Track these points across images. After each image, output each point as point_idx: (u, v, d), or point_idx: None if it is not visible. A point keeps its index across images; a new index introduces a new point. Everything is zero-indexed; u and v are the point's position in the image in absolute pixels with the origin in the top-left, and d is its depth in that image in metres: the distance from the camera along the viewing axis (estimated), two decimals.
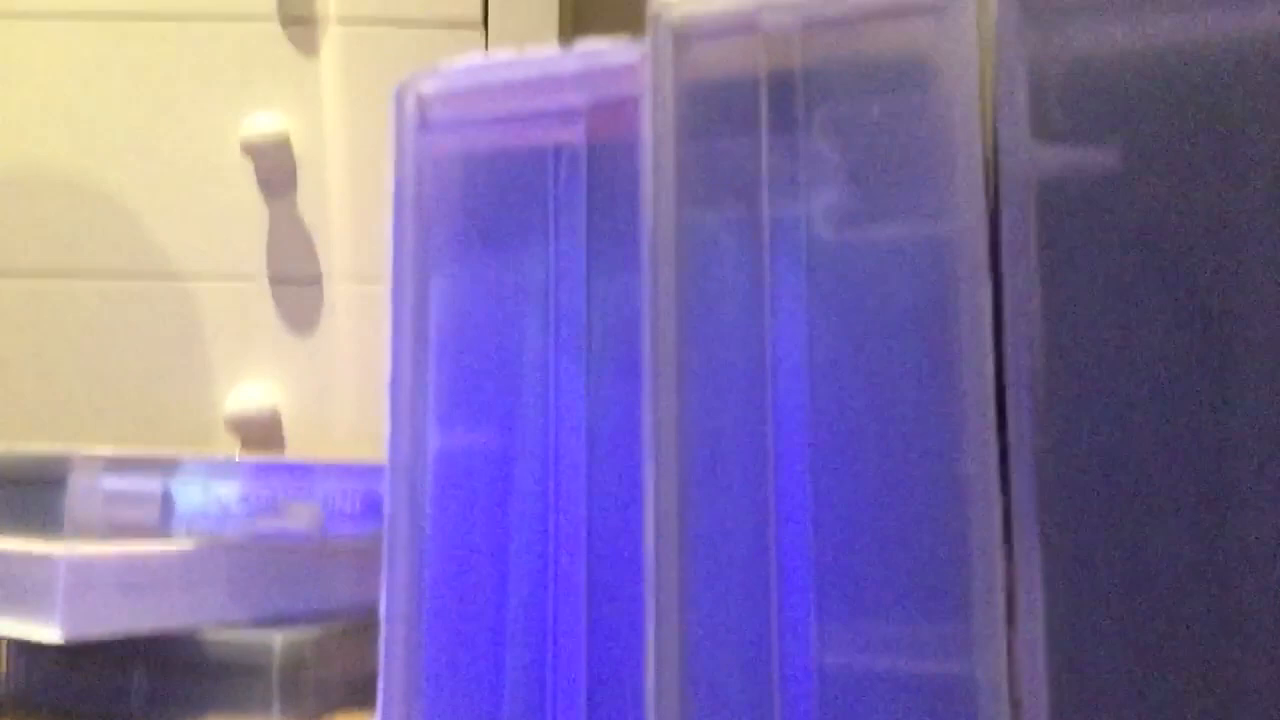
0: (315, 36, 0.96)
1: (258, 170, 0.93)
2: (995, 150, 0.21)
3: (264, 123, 0.91)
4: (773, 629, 0.21)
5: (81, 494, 0.33)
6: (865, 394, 0.21)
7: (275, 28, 0.96)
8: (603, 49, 0.24)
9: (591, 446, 0.24)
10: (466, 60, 0.25)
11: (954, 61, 0.21)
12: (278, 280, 0.93)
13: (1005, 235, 0.20)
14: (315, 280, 0.93)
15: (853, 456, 0.21)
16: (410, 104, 0.25)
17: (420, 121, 0.25)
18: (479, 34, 0.95)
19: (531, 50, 0.25)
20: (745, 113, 0.22)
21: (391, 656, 0.25)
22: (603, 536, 0.24)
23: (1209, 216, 0.20)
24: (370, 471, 0.40)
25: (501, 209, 0.25)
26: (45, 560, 0.31)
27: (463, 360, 0.26)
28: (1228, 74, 0.20)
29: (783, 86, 0.22)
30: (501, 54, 0.25)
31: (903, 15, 0.21)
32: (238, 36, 0.96)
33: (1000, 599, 0.20)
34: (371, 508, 0.38)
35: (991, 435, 0.20)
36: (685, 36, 0.22)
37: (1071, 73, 0.20)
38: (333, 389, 0.89)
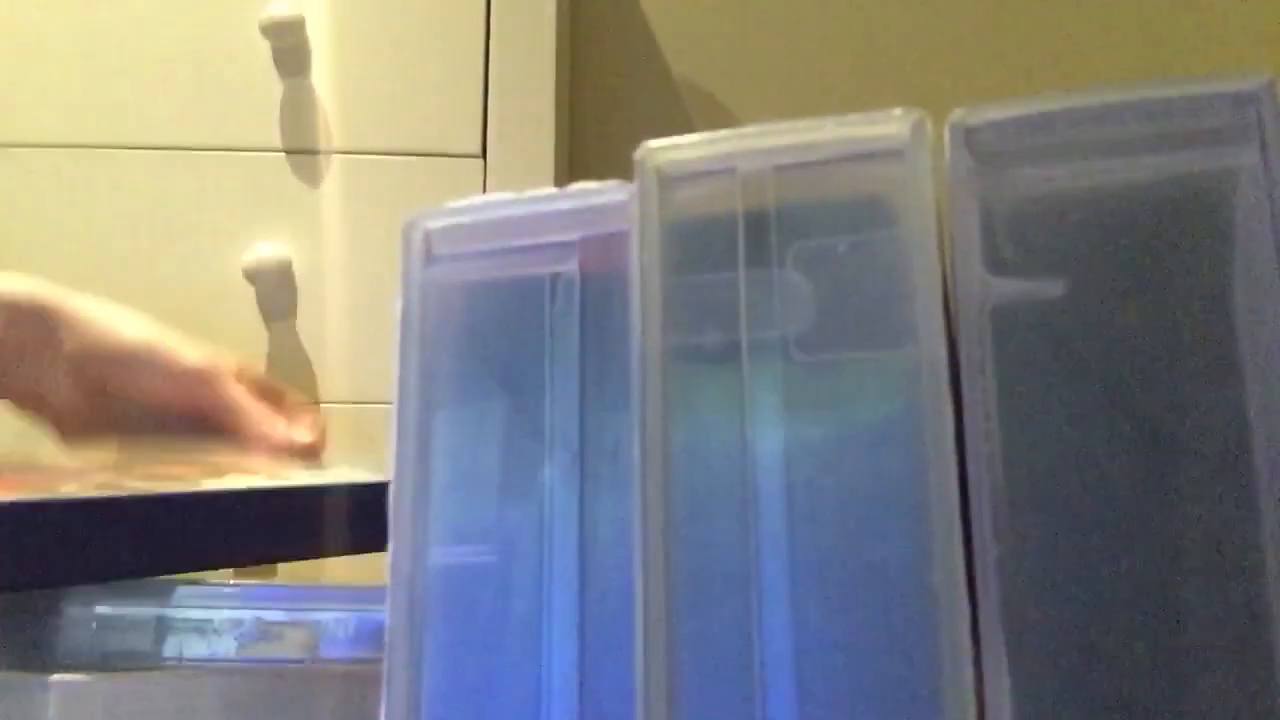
0: (315, 169, 1.00)
1: (259, 295, 0.95)
2: (953, 280, 0.22)
3: (266, 250, 0.94)
4: None
5: (74, 621, 0.33)
6: (839, 507, 0.23)
7: (280, 158, 0.99)
8: (594, 189, 0.26)
9: (584, 564, 0.25)
10: (469, 199, 0.27)
11: (914, 201, 0.23)
12: None
13: (963, 358, 0.22)
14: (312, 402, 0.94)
15: (829, 568, 0.22)
16: (417, 238, 0.27)
17: (426, 254, 0.27)
18: (478, 164, 0.99)
19: (530, 190, 0.27)
20: (724, 248, 0.24)
21: None
22: (596, 652, 0.25)
23: (1148, 338, 0.21)
24: (366, 595, 0.40)
25: (501, 333, 0.27)
26: (37, 687, 0.31)
27: (462, 479, 0.27)
28: (1160, 210, 0.22)
29: (759, 224, 0.24)
30: (502, 194, 0.27)
31: (867, 160, 0.23)
32: (243, 168, 0.99)
33: (971, 703, 0.21)
34: (367, 632, 0.38)
35: (958, 545, 0.22)
36: (669, 179, 0.24)
37: (1018, 211, 0.22)
38: None
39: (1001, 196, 0.22)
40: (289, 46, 0.99)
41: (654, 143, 0.25)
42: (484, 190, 0.96)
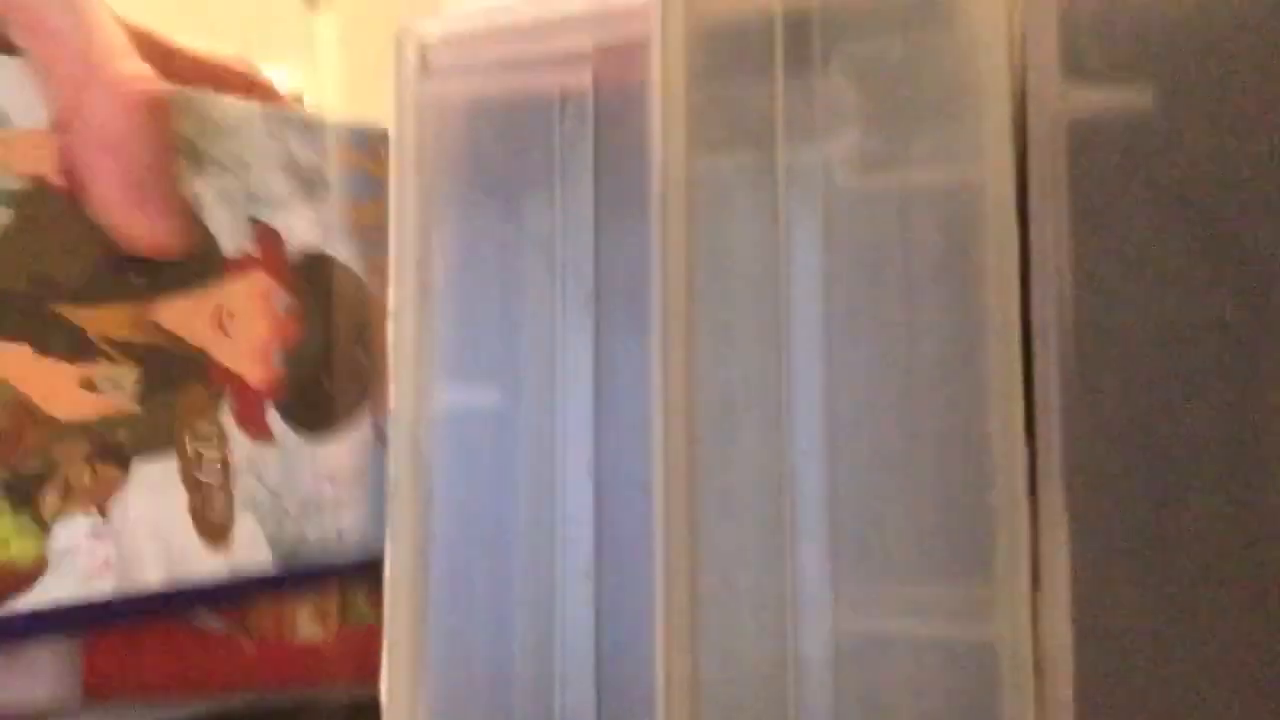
0: None
1: None
2: (1023, 91, 0.20)
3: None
4: (788, 592, 0.21)
5: None
6: (884, 348, 0.20)
7: None
8: None
9: (598, 402, 0.24)
10: (469, 2, 0.24)
11: None
12: None
13: (1034, 180, 0.19)
14: None
15: (870, 412, 0.20)
16: (411, 49, 0.24)
17: (422, 67, 0.24)
18: None
19: None
20: (759, 54, 0.21)
21: (396, 620, 0.24)
22: (610, 497, 0.23)
23: (1245, 161, 0.19)
24: None
25: (506, 157, 0.25)
26: None
27: (467, 315, 0.25)
28: (1266, 12, 0.19)
29: (799, 26, 0.21)
30: None
31: None
32: None
33: (1024, 561, 0.19)
34: None
35: (1017, 391, 0.19)
36: None
37: (1105, 8, 0.19)
38: None
39: None
40: None
41: None
42: None
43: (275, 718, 0.29)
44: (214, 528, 0.27)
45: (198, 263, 0.28)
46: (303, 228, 0.30)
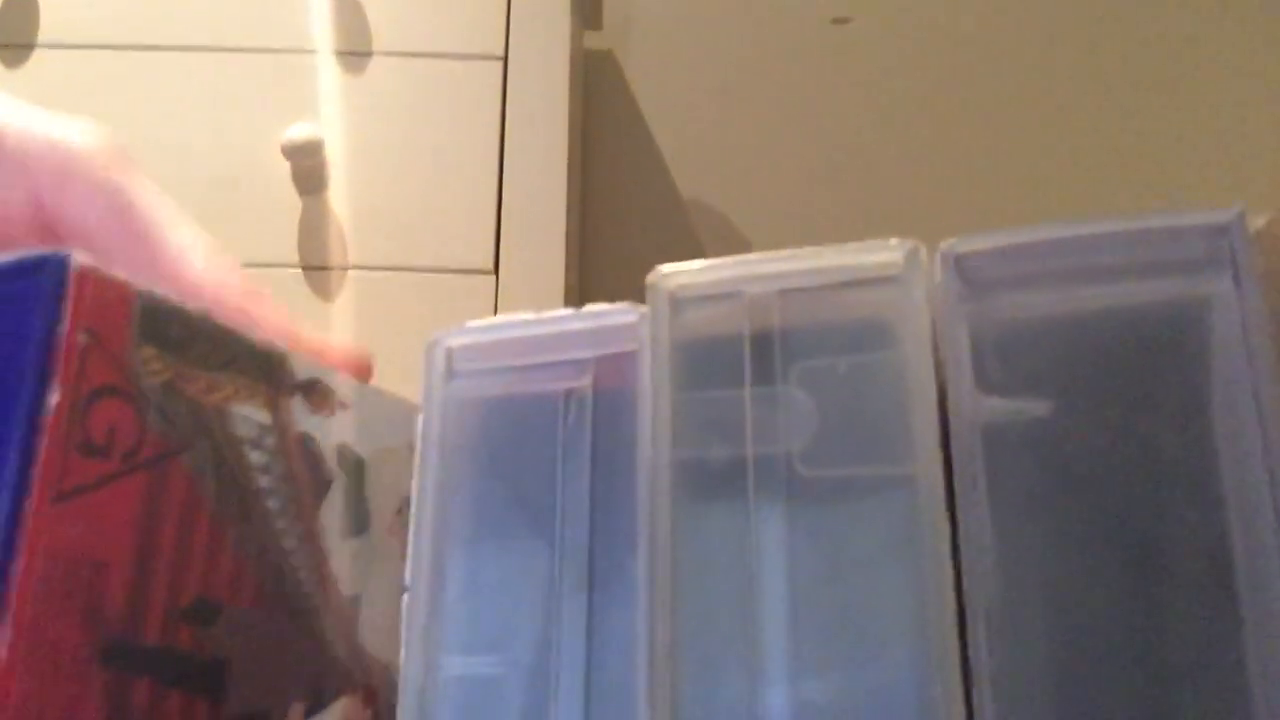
0: (330, 284, 1.02)
1: None
2: (946, 399, 0.24)
3: None
4: None
5: None
6: (842, 620, 0.23)
7: (297, 274, 1.02)
8: (607, 310, 0.28)
9: (590, 677, 0.26)
10: (490, 319, 0.29)
11: (909, 324, 0.24)
12: None
13: (956, 474, 0.23)
14: None
15: (831, 683, 0.23)
16: (439, 355, 0.28)
17: (447, 370, 0.28)
18: (491, 281, 1.01)
19: (544, 308, 0.29)
20: (731, 367, 0.25)
21: None
22: None
23: (1131, 458, 0.23)
24: None
25: (516, 446, 0.28)
26: None
27: (475, 589, 0.28)
28: (1139, 334, 0.24)
29: (764, 345, 0.25)
30: (521, 314, 0.29)
31: (865, 285, 0.25)
32: (260, 283, 1.02)
33: None
34: None
35: (955, 659, 0.22)
36: (679, 301, 0.26)
37: (1005, 334, 0.24)
38: None
39: (989, 320, 0.24)
40: (307, 167, 1.03)
41: (665, 268, 0.26)
42: (495, 305, 0.99)
43: None
44: None
45: None
46: None
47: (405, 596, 0.28)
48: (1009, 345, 0.24)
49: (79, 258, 0.25)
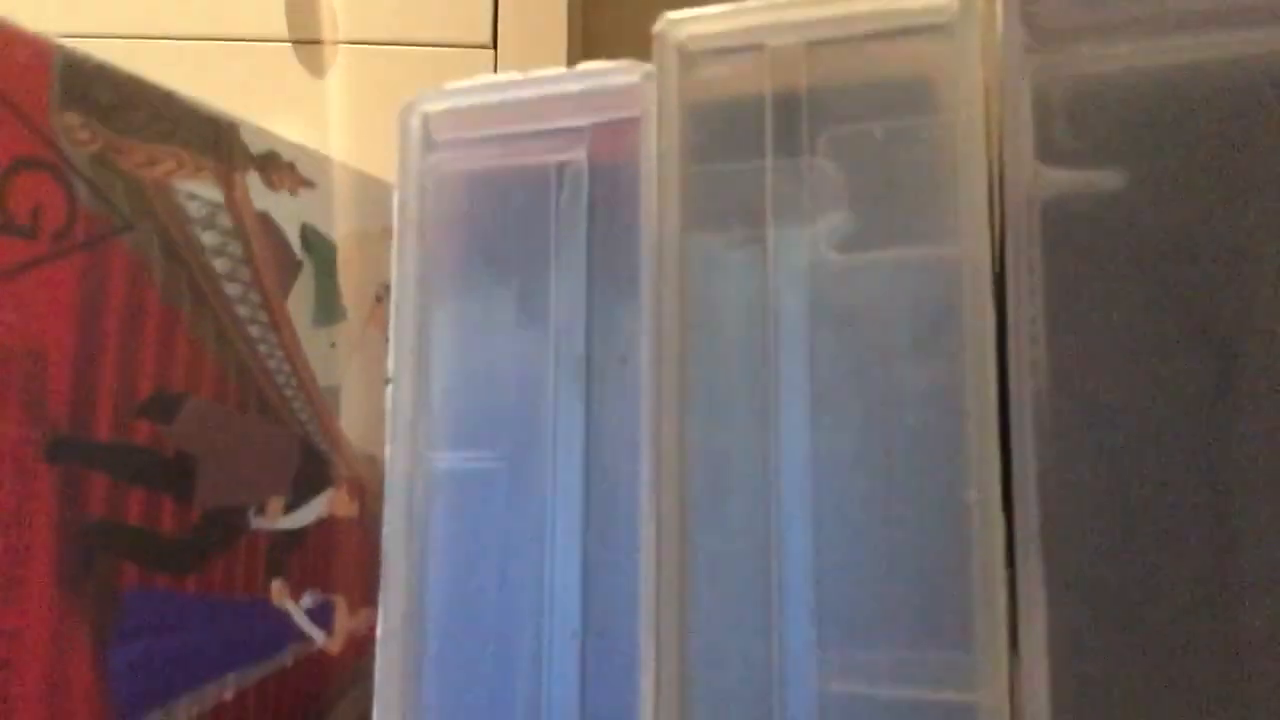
0: (323, 58, 0.97)
1: None
2: (1000, 172, 0.20)
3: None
4: (775, 655, 0.21)
5: None
6: (867, 417, 0.21)
7: (285, 49, 0.97)
8: (605, 68, 0.24)
9: (588, 470, 0.24)
10: (470, 80, 0.25)
11: (959, 82, 0.21)
12: None
13: (1010, 257, 0.20)
14: None
15: (855, 480, 0.21)
16: (415, 123, 0.25)
17: (425, 140, 0.25)
18: (489, 55, 0.95)
19: (535, 71, 0.25)
20: (750, 133, 0.22)
21: (388, 678, 0.24)
22: (600, 564, 0.24)
23: (1215, 239, 0.19)
24: None
25: (504, 227, 0.25)
26: None
27: (463, 380, 0.26)
28: (1234, 94, 0.20)
29: (788, 107, 0.22)
30: (506, 74, 0.25)
31: (907, 36, 0.21)
32: (247, 58, 0.97)
33: (1003, 626, 0.20)
34: None
35: (995, 460, 0.20)
36: (690, 56, 0.22)
37: (1076, 93, 0.20)
38: None
39: (1058, 77, 0.20)
40: None
41: (674, 14, 0.22)
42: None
43: None
44: None
45: None
46: None
47: (389, 389, 0.26)
48: (1079, 106, 0.20)
49: None
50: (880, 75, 0.21)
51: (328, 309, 0.30)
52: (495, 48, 0.96)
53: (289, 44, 0.97)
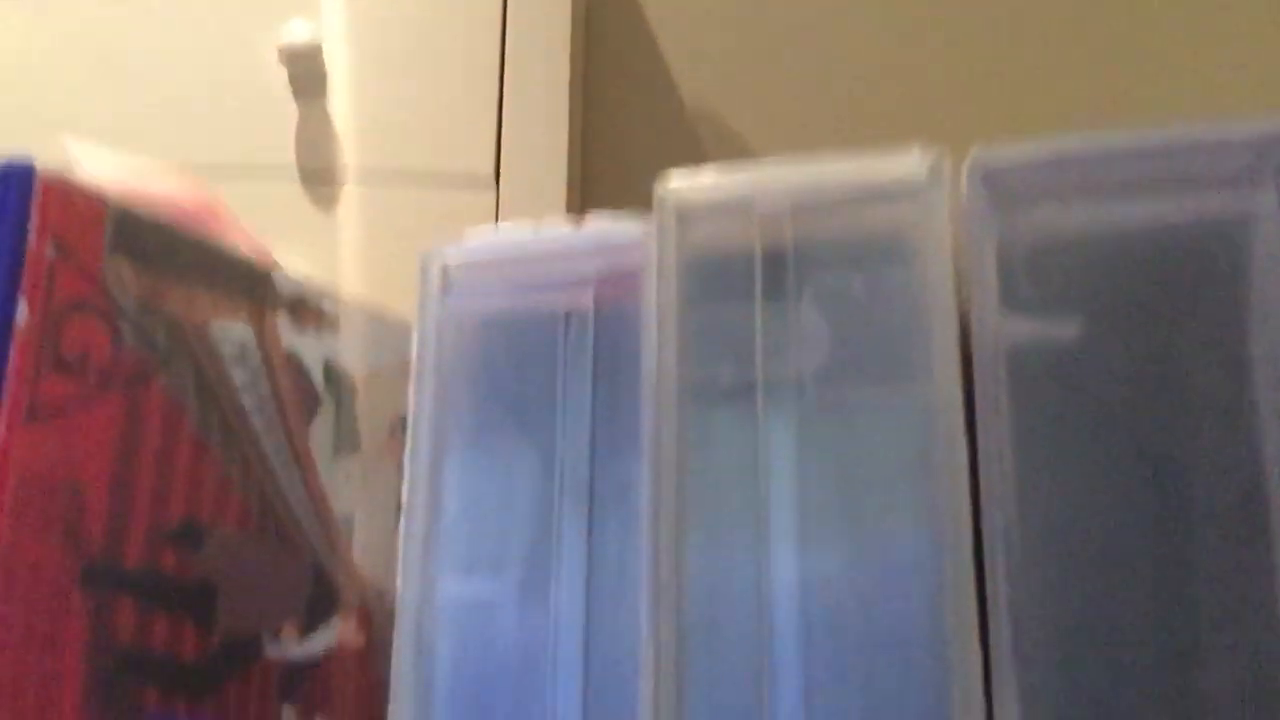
0: (328, 193, 1.00)
1: None
2: (969, 319, 0.22)
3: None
4: None
5: None
6: (852, 546, 0.23)
7: (293, 181, 1.00)
8: (611, 225, 0.26)
9: (590, 604, 0.25)
10: (487, 232, 0.27)
11: (930, 240, 0.23)
12: None
13: (979, 399, 0.22)
14: None
15: (841, 607, 0.22)
16: (435, 271, 0.27)
17: (443, 286, 0.27)
18: (491, 189, 0.99)
19: (545, 221, 0.27)
20: (742, 284, 0.24)
21: None
22: (599, 691, 0.25)
23: (1164, 382, 0.21)
24: None
25: (515, 367, 0.27)
26: None
27: (473, 510, 0.27)
28: (1177, 252, 0.22)
29: (776, 261, 0.24)
30: (519, 227, 0.27)
31: (884, 198, 0.24)
32: (255, 186, 1.00)
33: None
34: None
35: (970, 588, 0.21)
36: (687, 215, 0.25)
37: (1036, 250, 0.22)
38: None
39: (1019, 235, 0.22)
40: (306, 71, 1.00)
41: (673, 179, 0.25)
42: (496, 215, 0.97)
43: None
44: None
45: None
46: None
47: (402, 518, 0.27)
48: (1038, 263, 0.22)
49: (46, 167, 0.24)
50: (858, 233, 0.24)
51: (345, 441, 0.32)
52: (498, 183, 0.99)
53: (297, 177, 1.00)
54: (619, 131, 1.28)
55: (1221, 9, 1.27)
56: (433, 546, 0.27)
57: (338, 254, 0.99)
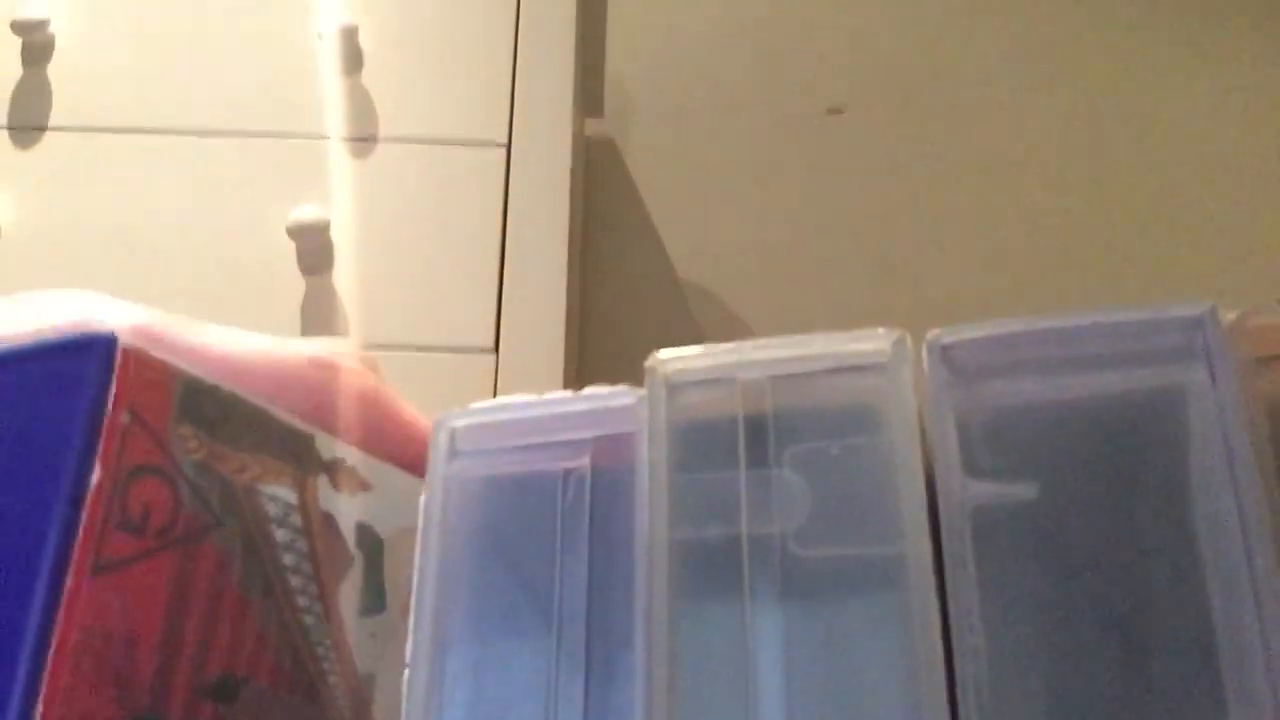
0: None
1: None
2: (934, 482, 0.25)
3: None
4: None
5: None
6: (835, 696, 0.24)
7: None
8: (606, 393, 0.29)
9: None
10: (492, 401, 0.30)
11: (896, 410, 0.25)
12: None
13: (946, 556, 0.24)
14: None
15: None
16: (443, 436, 0.29)
17: (450, 450, 0.29)
18: (491, 359, 1.02)
19: (545, 390, 0.30)
20: (726, 449, 0.26)
21: None
22: None
23: (1115, 540, 0.23)
24: None
25: (516, 525, 0.29)
26: None
27: (474, 666, 0.28)
28: (1120, 420, 0.25)
29: (757, 428, 0.26)
30: (522, 396, 0.29)
31: (854, 372, 0.26)
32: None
33: None
34: None
35: None
36: (676, 386, 0.27)
37: (992, 420, 0.25)
38: None
39: (975, 407, 0.25)
40: (313, 248, 1.05)
41: (663, 353, 0.27)
42: (495, 384, 1.00)
43: None
44: None
45: None
46: None
47: (406, 673, 0.28)
48: (995, 431, 0.24)
49: (125, 337, 0.26)
50: (832, 403, 0.26)
51: (372, 601, 0.33)
52: (497, 353, 1.02)
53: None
54: (615, 310, 1.33)
55: (1158, 204, 1.35)
56: (435, 707, 0.28)
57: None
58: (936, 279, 1.32)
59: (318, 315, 1.03)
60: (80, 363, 0.25)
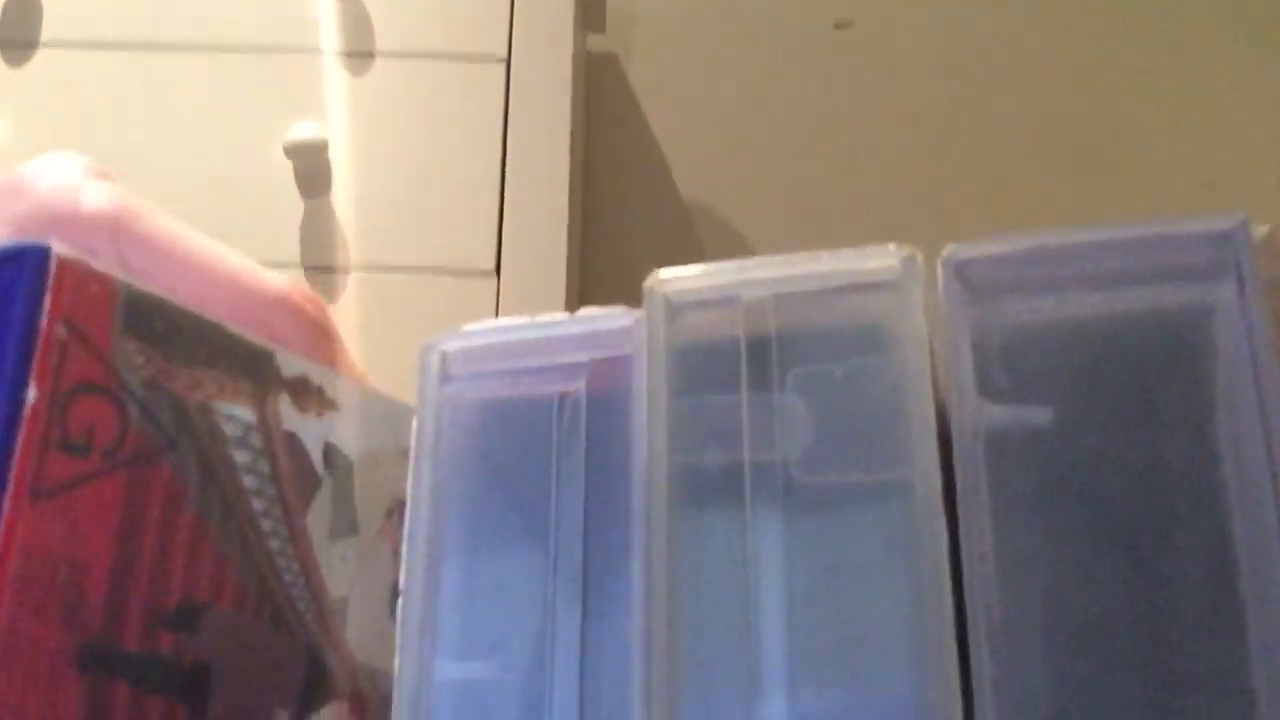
0: (333, 285, 1.02)
1: None
2: (945, 406, 0.23)
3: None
4: None
5: None
6: (839, 625, 0.23)
7: (298, 274, 1.02)
8: (602, 314, 0.28)
9: (583, 682, 0.26)
10: (484, 323, 0.29)
11: (906, 330, 0.24)
12: None
13: (958, 481, 0.23)
14: None
15: (828, 688, 0.23)
16: (434, 359, 0.28)
17: (442, 374, 0.28)
18: (492, 282, 1.01)
19: (542, 313, 0.29)
20: (727, 372, 0.25)
21: None
22: None
23: (1134, 464, 0.22)
24: None
25: (510, 451, 0.28)
26: None
27: (470, 593, 0.28)
28: (1143, 341, 0.23)
29: (760, 350, 0.25)
30: (515, 317, 0.28)
31: (861, 290, 0.25)
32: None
33: None
34: None
35: (954, 665, 0.22)
36: (675, 306, 0.26)
37: (1009, 340, 0.23)
38: None
39: (992, 327, 0.23)
40: (311, 168, 1.03)
41: (662, 272, 0.26)
42: (497, 306, 0.98)
43: None
44: None
45: None
46: None
47: (400, 601, 0.28)
48: (1012, 352, 0.23)
49: (59, 248, 0.24)
50: (838, 323, 0.25)
51: (342, 523, 0.32)
52: (499, 275, 1.01)
53: (302, 270, 1.02)
54: (618, 230, 1.31)
55: (1180, 114, 1.31)
56: (430, 630, 0.27)
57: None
58: (947, 197, 1.29)
59: (317, 236, 1.01)
60: (11, 273, 0.24)
